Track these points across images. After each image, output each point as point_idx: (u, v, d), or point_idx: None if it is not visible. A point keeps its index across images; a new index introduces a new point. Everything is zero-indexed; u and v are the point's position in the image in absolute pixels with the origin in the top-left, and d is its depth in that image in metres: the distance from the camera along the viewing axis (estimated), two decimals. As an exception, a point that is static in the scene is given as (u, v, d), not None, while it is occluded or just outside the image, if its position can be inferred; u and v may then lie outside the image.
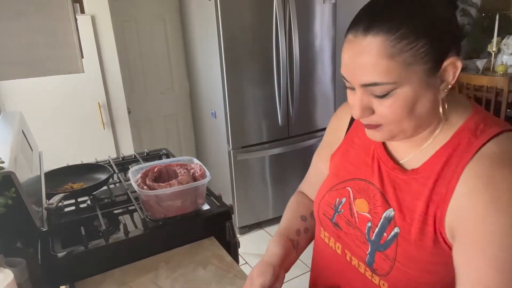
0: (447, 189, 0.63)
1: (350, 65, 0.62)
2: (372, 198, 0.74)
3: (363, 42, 0.60)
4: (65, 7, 0.98)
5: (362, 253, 0.74)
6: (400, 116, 0.63)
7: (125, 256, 1.10)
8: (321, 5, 2.64)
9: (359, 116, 0.65)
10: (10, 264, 0.82)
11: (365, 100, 0.64)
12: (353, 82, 0.64)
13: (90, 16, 2.41)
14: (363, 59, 0.60)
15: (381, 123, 0.65)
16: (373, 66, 0.59)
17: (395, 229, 0.69)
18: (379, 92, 0.61)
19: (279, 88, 2.66)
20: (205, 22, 2.59)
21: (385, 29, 0.58)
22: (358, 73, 0.61)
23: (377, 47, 0.59)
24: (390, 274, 0.69)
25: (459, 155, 0.63)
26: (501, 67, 3.30)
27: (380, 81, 0.60)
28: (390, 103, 0.62)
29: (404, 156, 0.72)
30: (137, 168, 1.24)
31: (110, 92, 2.60)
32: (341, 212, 0.79)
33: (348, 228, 0.77)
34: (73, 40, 1.00)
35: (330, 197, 0.82)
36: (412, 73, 0.59)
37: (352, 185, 0.79)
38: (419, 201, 0.66)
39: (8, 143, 1.07)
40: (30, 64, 0.99)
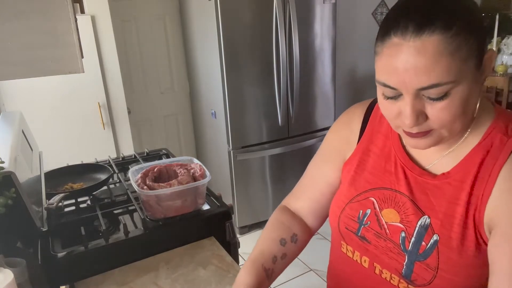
0: (484, 190, 0.62)
1: (401, 70, 0.57)
2: (402, 207, 0.71)
3: (416, 43, 0.56)
4: (65, 7, 0.98)
5: (397, 265, 0.70)
6: (455, 116, 0.59)
7: (125, 256, 1.10)
8: (321, 5, 2.64)
9: (413, 124, 0.60)
10: (10, 264, 0.82)
11: (418, 106, 0.59)
12: (404, 88, 0.58)
13: (90, 16, 2.41)
14: (420, 60, 0.56)
15: (433, 128, 0.61)
16: (433, 67, 0.55)
17: (434, 236, 0.66)
18: (436, 94, 0.57)
19: (279, 88, 2.66)
20: (205, 22, 2.59)
21: (440, 27, 0.55)
22: (414, 77, 0.56)
23: (436, 46, 0.55)
24: (432, 283, 0.66)
25: (493, 156, 0.63)
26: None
27: (441, 82, 0.56)
28: (446, 104, 0.58)
29: (430, 161, 0.70)
30: (137, 168, 1.24)
31: (110, 92, 2.60)
32: (367, 225, 0.74)
33: (378, 240, 0.73)
34: (73, 40, 1.00)
35: (351, 209, 0.77)
36: (467, 69, 0.57)
37: (376, 195, 0.74)
38: (458, 206, 0.65)
39: (8, 143, 1.07)
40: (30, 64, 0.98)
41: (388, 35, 0.59)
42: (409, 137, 0.64)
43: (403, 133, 0.65)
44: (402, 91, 0.59)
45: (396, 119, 0.64)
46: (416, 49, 0.56)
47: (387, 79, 0.60)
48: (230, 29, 2.43)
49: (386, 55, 0.59)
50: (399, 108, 0.61)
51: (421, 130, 0.61)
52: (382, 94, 0.63)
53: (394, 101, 0.62)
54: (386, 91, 0.62)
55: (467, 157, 0.66)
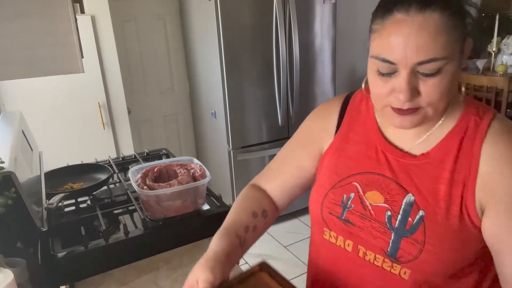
0: (469, 169, 0.67)
1: (402, 44, 0.61)
2: (385, 188, 0.74)
3: (419, 19, 0.60)
4: (65, 7, 0.98)
5: (382, 243, 0.73)
6: (443, 94, 0.64)
7: (125, 256, 1.10)
8: (321, 5, 2.65)
9: (408, 99, 0.64)
10: (10, 264, 0.82)
11: (413, 81, 0.63)
12: (404, 63, 0.62)
13: (90, 16, 2.41)
14: (422, 35, 0.60)
15: (422, 105, 0.65)
16: (433, 42, 0.60)
17: (419, 212, 0.70)
18: (431, 69, 0.62)
19: (279, 88, 2.66)
20: (205, 22, 2.59)
21: (441, 6, 0.60)
22: (415, 51, 0.60)
23: (437, 22, 0.60)
24: (418, 258, 0.69)
25: (471, 136, 0.69)
26: (501, 67, 3.30)
27: (438, 56, 0.60)
28: (437, 81, 0.62)
29: (409, 144, 0.75)
30: (137, 168, 1.24)
31: (110, 92, 2.60)
32: (351, 208, 0.77)
33: (362, 222, 0.76)
34: (73, 40, 1.00)
35: (334, 195, 0.80)
36: (456, 50, 0.63)
37: (359, 179, 0.78)
38: (440, 184, 0.69)
39: (8, 143, 1.07)
40: (30, 64, 0.98)
41: (390, 11, 0.62)
42: (397, 115, 0.67)
43: (391, 111, 0.68)
44: (400, 66, 0.63)
45: (388, 97, 0.67)
46: (419, 25, 0.60)
47: (388, 54, 0.63)
48: (230, 29, 2.43)
49: (388, 31, 0.62)
50: (393, 85, 0.65)
51: (411, 106, 0.65)
52: (377, 71, 0.66)
53: (388, 78, 0.65)
54: (383, 67, 0.65)
55: (445, 138, 0.71)
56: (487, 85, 3.21)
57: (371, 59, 0.67)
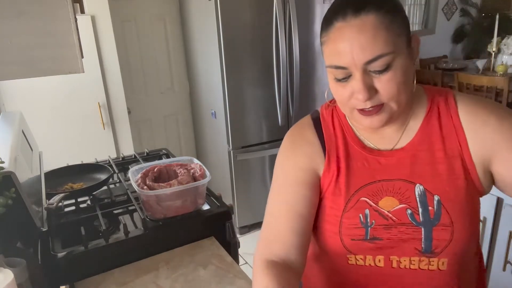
0: (459, 141, 0.72)
1: (348, 48, 0.65)
2: (393, 190, 0.75)
3: (356, 22, 0.64)
4: (65, 7, 0.98)
5: (415, 243, 0.73)
6: (400, 87, 0.67)
7: (125, 256, 1.10)
8: (321, 5, 2.65)
9: (366, 97, 0.67)
10: (10, 264, 0.82)
11: (367, 80, 0.66)
12: (354, 65, 0.65)
13: (90, 16, 2.41)
14: (363, 36, 0.64)
15: (384, 101, 0.68)
16: (374, 40, 0.64)
17: (435, 197, 0.72)
18: (380, 66, 0.65)
19: (279, 88, 2.66)
20: (205, 22, 2.59)
21: (374, 7, 0.64)
22: (361, 52, 0.64)
23: (373, 22, 0.64)
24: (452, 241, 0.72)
25: (445, 115, 0.74)
26: (501, 67, 3.30)
27: (383, 52, 0.64)
28: (390, 76, 0.66)
29: (393, 142, 0.77)
30: (137, 168, 1.24)
31: (110, 92, 2.60)
32: (372, 225, 0.74)
33: (389, 232, 0.74)
34: (73, 40, 1.00)
35: (349, 219, 0.76)
36: (401, 44, 0.66)
37: (365, 193, 0.75)
38: (438, 164, 0.73)
39: (8, 143, 1.07)
40: (30, 64, 0.98)
41: (330, 23, 0.67)
42: (364, 116, 0.70)
43: (358, 114, 0.71)
44: (352, 69, 0.66)
45: (349, 100, 0.70)
46: (358, 27, 0.64)
47: (337, 60, 0.67)
48: (230, 29, 2.43)
49: (333, 40, 0.67)
50: (351, 88, 0.68)
51: (374, 104, 0.68)
52: (334, 78, 0.70)
53: (345, 83, 0.68)
54: (337, 73, 0.68)
55: (423, 124, 0.75)
56: (487, 85, 3.20)
57: (327, 69, 0.71)
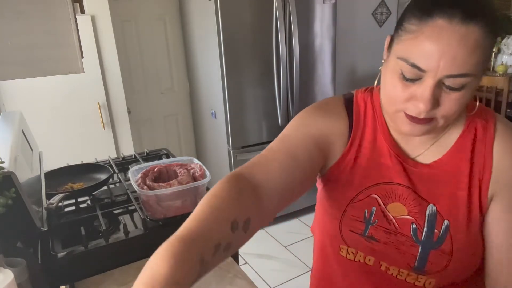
0: (483, 172, 0.67)
1: (438, 54, 0.56)
2: (406, 199, 0.71)
3: (461, 30, 0.55)
4: (65, 7, 0.98)
5: (409, 258, 0.70)
6: (460, 108, 0.61)
7: (125, 256, 1.10)
8: (321, 5, 2.64)
9: (428, 109, 0.60)
10: (10, 264, 0.82)
11: (436, 92, 0.59)
12: (433, 73, 0.58)
13: (90, 16, 2.41)
14: (461, 48, 0.56)
15: (437, 116, 0.62)
16: (470, 57, 0.56)
17: (444, 222, 0.68)
18: (457, 84, 0.58)
19: (279, 88, 2.66)
20: (205, 22, 2.59)
21: (484, 21, 0.56)
22: (450, 63, 0.56)
23: (477, 38, 0.56)
24: (447, 268, 0.68)
25: (481, 139, 0.68)
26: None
27: (470, 72, 0.57)
28: (460, 96, 0.60)
29: (417, 151, 0.72)
30: (137, 168, 1.24)
31: (110, 92, 2.60)
32: (375, 223, 0.72)
33: (388, 237, 0.72)
34: (73, 40, 1.00)
35: (354, 210, 0.74)
36: (484, 67, 0.60)
37: (377, 191, 0.73)
38: (460, 190, 0.68)
39: (8, 143, 1.07)
40: (30, 64, 0.98)
41: (430, 15, 0.57)
42: (409, 122, 0.64)
43: (403, 118, 0.64)
44: (428, 75, 0.58)
45: (405, 103, 0.62)
46: (461, 36, 0.55)
47: (419, 60, 0.58)
48: (230, 29, 2.43)
49: (425, 36, 0.57)
50: (414, 91, 0.61)
51: (427, 116, 0.62)
52: (401, 74, 0.61)
53: (411, 83, 0.61)
54: (410, 71, 0.60)
55: (456, 144, 0.69)
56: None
57: (396, 60, 0.62)
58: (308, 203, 3.01)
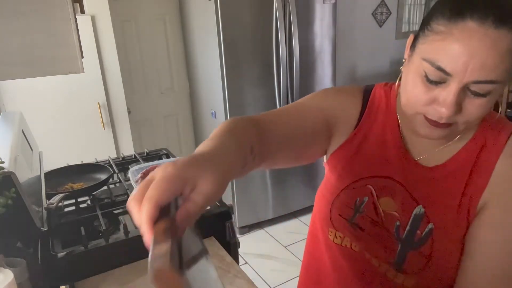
0: (481, 182, 0.65)
1: (467, 57, 0.53)
2: (398, 196, 0.71)
3: (493, 35, 0.53)
4: (65, 7, 0.98)
5: (388, 253, 0.71)
6: (482, 115, 0.59)
7: (125, 256, 1.10)
8: (321, 5, 2.64)
9: (451, 115, 0.57)
10: (10, 264, 0.82)
11: (460, 97, 0.57)
12: (460, 77, 0.55)
13: (90, 16, 2.41)
14: (491, 54, 0.53)
15: (458, 121, 0.60)
16: (499, 63, 0.53)
17: (429, 225, 0.68)
18: (484, 90, 0.56)
19: (279, 88, 2.66)
20: (205, 22, 2.59)
21: None
22: (478, 69, 0.54)
23: (508, 44, 0.53)
24: (423, 271, 0.68)
25: (489, 151, 0.66)
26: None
27: (497, 79, 0.54)
28: (484, 102, 0.57)
29: (423, 153, 0.71)
30: (137, 168, 1.24)
31: (110, 92, 2.60)
32: (363, 213, 0.73)
33: (372, 228, 0.72)
34: (73, 40, 1.00)
35: (347, 196, 0.75)
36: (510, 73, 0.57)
37: (373, 183, 0.73)
38: (453, 197, 0.67)
39: (8, 143, 1.07)
40: (30, 64, 0.99)
41: (461, 16, 0.54)
42: (429, 126, 0.62)
43: (422, 120, 0.62)
44: (453, 79, 0.56)
45: (426, 106, 0.60)
46: (493, 41, 0.53)
47: (446, 63, 0.56)
48: (230, 29, 2.43)
49: (455, 37, 0.54)
50: (437, 95, 0.58)
51: (448, 121, 0.59)
52: (424, 75, 0.59)
53: (434, 86, 0.58)
54: (434, 74, 0.57)
55: (461, 151, 0.68)
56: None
57: (421, 60, 0.59)
58: (308, 203, 3.01)
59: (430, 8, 0.61)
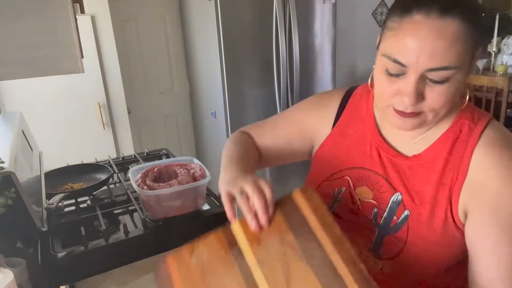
0: (458, 173, 0.67)
1: (417, 48, 0.59)
2: (375, 185, 0.75)
3: (438, 24, 0.58)
4: (65, 7, 0.98)
5: (366, 239, 0.74)
6: (447, 102, 0.63)
7: (125, 256, 1.10)
8: (321, 5, 2.64)
9: (413, 103, 0.62)
10: (10, 264, 0.82)
11: (420, 86, 0.62)
12: (414, 67, 0.60)
13: (90, 16, 2.41)
14: (439, 42, 0.57)
15: (424, 110, 0.64)
16: (449, 50, 0.58)
17: (405, 211, 0.71)
18: (440, 77, 0.60)
19: (279, 88, 2.66)
20: (205, 22, 2.59)
21: (462, 13, 0.58)
22: (429, 57, 0.58)
23: (455, 30, 0.58)
24: (400, 255, 0.70)
25: (463, 141, 0.68)
26: (501, 67, 3.31)
27: (451, 65, 0.59)
28: (444, 89, 0.61)
29: (403, 145, 0.75)
30: (137, 168, 1.24)
31: (110, 92, 2.60)
32: (341, 202, 0.79)
33: (350, 216, 0.77)
34: (73, 40, 1.00)
35: (326, 187, 0.81)
36: (468, 59, 0.61)
37: (351, 174, 0.78)
38: (429, 186, 0.70)
39: (8, 143, 1.07)
40: (30, 64, 0.99)
41: (409, 11, 0.60)
42: (398, 117, 0.67)
43: (393, 112, 0.67)
44: (410, 70, 0.61)
45: (392, 98, 0.66)
46: (438, 30, 0.57)
47: (401, 55, 0.61)
48: (230, 29, 2.43)
49: (404, 31, 0.60)
50: (400, 86, 0.63)
51: (414, 110, 0.64)
52: (386, 70, 0.64)
53: (396, 79, 0.63)
54: (393, 67, 0.63)
55: (437, 141, 0.71)
56: (487, 85, 3.21)
57: (381, 57, 0.65)
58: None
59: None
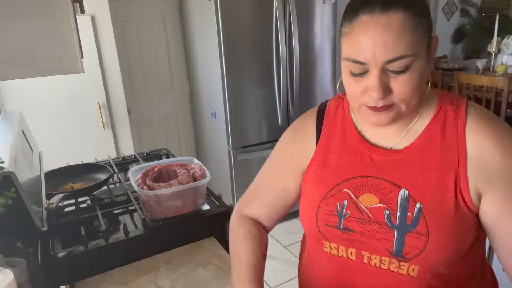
0: (458, 156, 0.70)
1: (370, 44, 0.63)
2: (378, 188, 0.74)
3: (383, 19, 0.63)
4: (65, 7, 0.98)
5: (386, 244, 0.73)
6: (414, 90, 0.66)
7: (125, 256, 1.10)
8: (321, 5, 2.65)
9: (380, 97, 0.66)
10: (10, 264, 0.82)
11: (383, 79, 0.65)
12: (373, 62, 0.64)
13: (90, 16, 2.41)
14: (388, 34, 0.62)
15: (395, 101, 0.68)
16: (399, 40, 0.62)
17: (416, 205, 0.71)
18: (399, 67, 0.64)
19: (279, 88, 2.66)
20: (205, 22, 2.59)
21: (403, 5, 0.63)
22: (383, 50, 0.63)
23: (401, 21, 0.62)
24: (424, 250, 0.70)
25: (452, 123, 0.71)
26: (501, 67, 3.30)
27: (405, 54, 0.63)
28: (407, 78, 0.65)
29: (392, 142, 0.76)
30: (137, 168, 1.24)
31: (110, 92, 2.60)
32: (347, 215, 0.76)
33: (362, 226, 0.75)
34: (73, 40, 1.00)
35: (327, 205, 0.78)
36: (423, 46, 0.65)
37: (349, 185, 0.77)
38: (430, 173, 0.71)
39: (8, 143, 1.07)
40: (30, 64, 0.99)
41: (356, 14, 0.65)
42: (373, 113, 0.69)
43: (366, 110, 0.70)
44: (370, 66, 0.65)
45: (362, 96, 0.69)
46: (384, 24, 0.62)
47: (357, 55, 0.65)
48: (230, 29, 2.43)
49: (356, 33, 0.65)
50: (366, 84, 0.67)
51: (386, 103, 0.67)
52: (350, 72, 0.68)
53: (361, 78, 0.67)
54: (354, 67, 0.67)
55: (425, 130, 0.73)
56: (487, 85, 3.20)
57: (343, 61, 0.69)
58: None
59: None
